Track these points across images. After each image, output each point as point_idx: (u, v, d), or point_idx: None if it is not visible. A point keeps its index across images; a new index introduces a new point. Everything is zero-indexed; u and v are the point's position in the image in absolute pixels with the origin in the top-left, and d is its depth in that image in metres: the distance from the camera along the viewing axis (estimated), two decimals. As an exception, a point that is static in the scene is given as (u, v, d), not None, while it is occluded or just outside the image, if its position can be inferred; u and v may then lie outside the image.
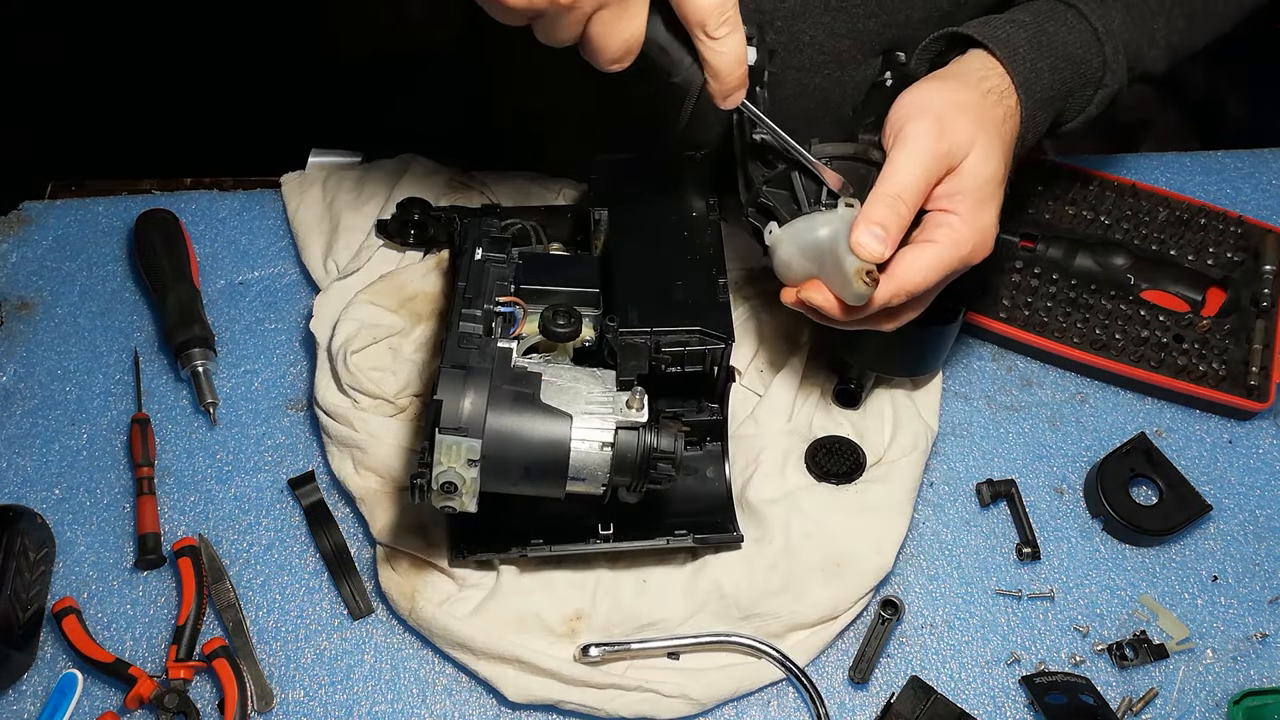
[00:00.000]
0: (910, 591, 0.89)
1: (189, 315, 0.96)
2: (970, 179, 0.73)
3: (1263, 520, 0.94)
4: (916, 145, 0.72)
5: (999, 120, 0.75)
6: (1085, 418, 0.98)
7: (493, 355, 0.71)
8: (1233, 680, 0.86)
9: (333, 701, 0.83)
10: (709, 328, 0.79)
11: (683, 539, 0.83)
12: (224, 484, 0.92)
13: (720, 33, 0.66)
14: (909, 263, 0.73)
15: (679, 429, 0.72)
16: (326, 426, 0.90)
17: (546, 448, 0.69)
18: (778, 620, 0.84)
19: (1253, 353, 0.97)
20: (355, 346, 0.90)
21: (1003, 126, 0.75)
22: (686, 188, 0.89)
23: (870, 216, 0.71)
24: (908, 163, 0.71)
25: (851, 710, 0.84)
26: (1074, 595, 0.89)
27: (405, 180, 1.03)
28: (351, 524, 0.90)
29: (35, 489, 0.91)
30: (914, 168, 0.71)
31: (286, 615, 0.86)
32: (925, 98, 0.74)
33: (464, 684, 0.84)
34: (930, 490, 0.94)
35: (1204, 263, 1.02)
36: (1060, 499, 0.94)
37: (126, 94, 1.86)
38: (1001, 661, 0.87)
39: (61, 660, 0.84)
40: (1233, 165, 1.13)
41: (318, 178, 1.05)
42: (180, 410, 0.95)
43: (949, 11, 0.85)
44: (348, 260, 0.98)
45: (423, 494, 0.68)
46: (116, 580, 0.87)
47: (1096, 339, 0.98)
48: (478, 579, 0.85)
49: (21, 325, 0.99)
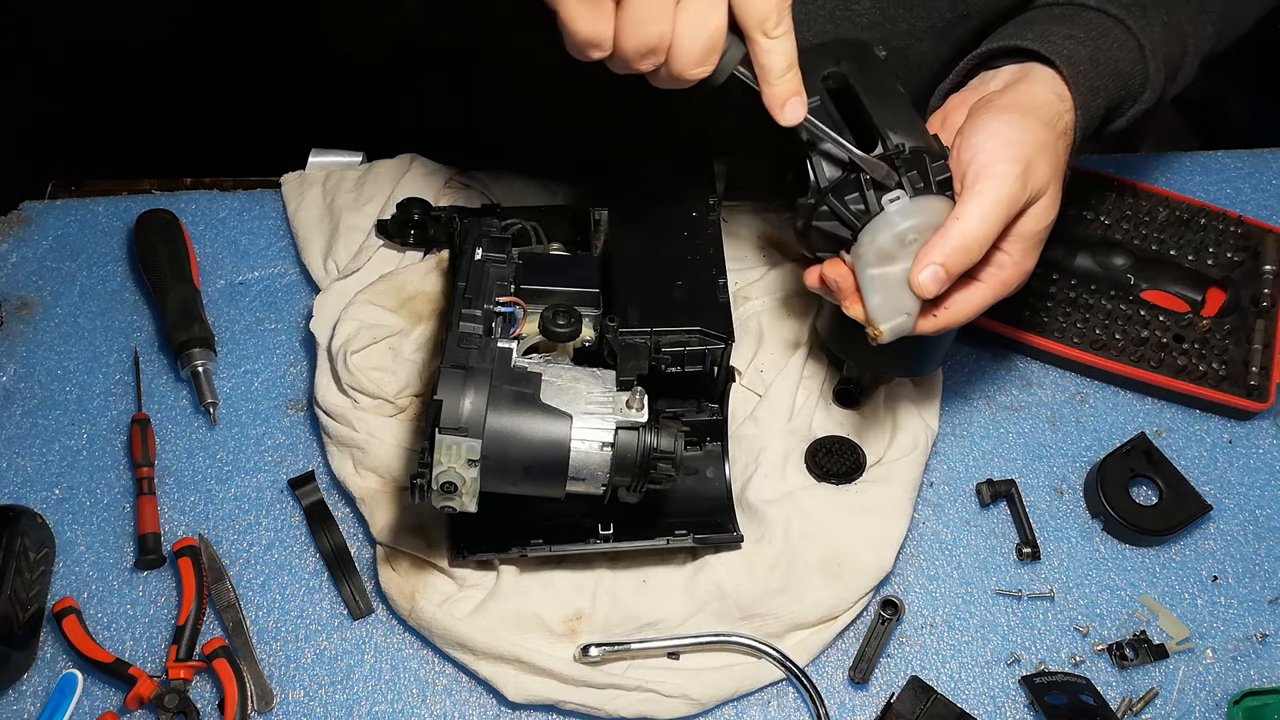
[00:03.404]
0: (910, 591, 0.89)
1: (189, 315, 0.96)
2: (1033, 224, 0.71)
3: (1263, 520, 0.94)
4: (1004, 193, 0.68)
5: (1064, 163, 0.74)
6: (1085, 418, 0.98)
7: (493, 355, 0.71)
8: (1233, 680, 0.86)
9: (333, 701, 0.83)
10: (709, 328, 0.79)
11: (683, 539, 0.83)
12: (224, 484, 0.92)
13: (778, 31, 0.63)
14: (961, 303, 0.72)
15: (679, 429, 0.72)
16: (326, 426, 0.90)
17: (546, 448, 0.69)
18: (778, 620, 0.84)
19: (1253, 353, 0.97)
20: (355, 346, 0.90)
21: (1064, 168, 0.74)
22: (686, 188, 0.89)
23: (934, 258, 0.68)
24: (992, 209, 0.68)
25: (851, 710, 0.84)
26: (1074, 595, 0.89)
27: (405, 180, 1.03)
28: (351, 524, 0.90)
29: (35, 489, 0.91)
30: (996, 215, 0.68)
31: (286, 615, 0.86)
32: (1016, 134, 0.70)
33: (464, 684, 0.84)
34: (930, 490, 0.94)
35: (1204, 263, 1.02)
36: (1060, 499, 0.94)
37: (127, 94, 1.86)
38: (1001, 661, 0.87)
39: (61, 660, 0.84)
40: (1233, 165, 1.13)
41: (318, 178, 1.05)
42: (180, 410, 0.95)
43: (951, 22, 0.85)
44: (348, 260, 0.98)
45: (423, 494, 0.68)
46: (116, 580, 0.87)
47: (1096, 339, 0.98)
48: (478, 579, 0.85)
49: (21, 325, 0.99)
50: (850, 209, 0.74)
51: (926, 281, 0.69)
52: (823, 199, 0.74)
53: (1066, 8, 0.81)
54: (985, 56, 0.80)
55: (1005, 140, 0.70)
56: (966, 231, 0.68)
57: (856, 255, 0.74)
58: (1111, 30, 0.79)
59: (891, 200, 0.72)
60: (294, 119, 1.25)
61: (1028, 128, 0.71)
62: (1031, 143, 0.70)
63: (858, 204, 0.73)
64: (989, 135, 0.71)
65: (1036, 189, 0.70)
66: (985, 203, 0.68)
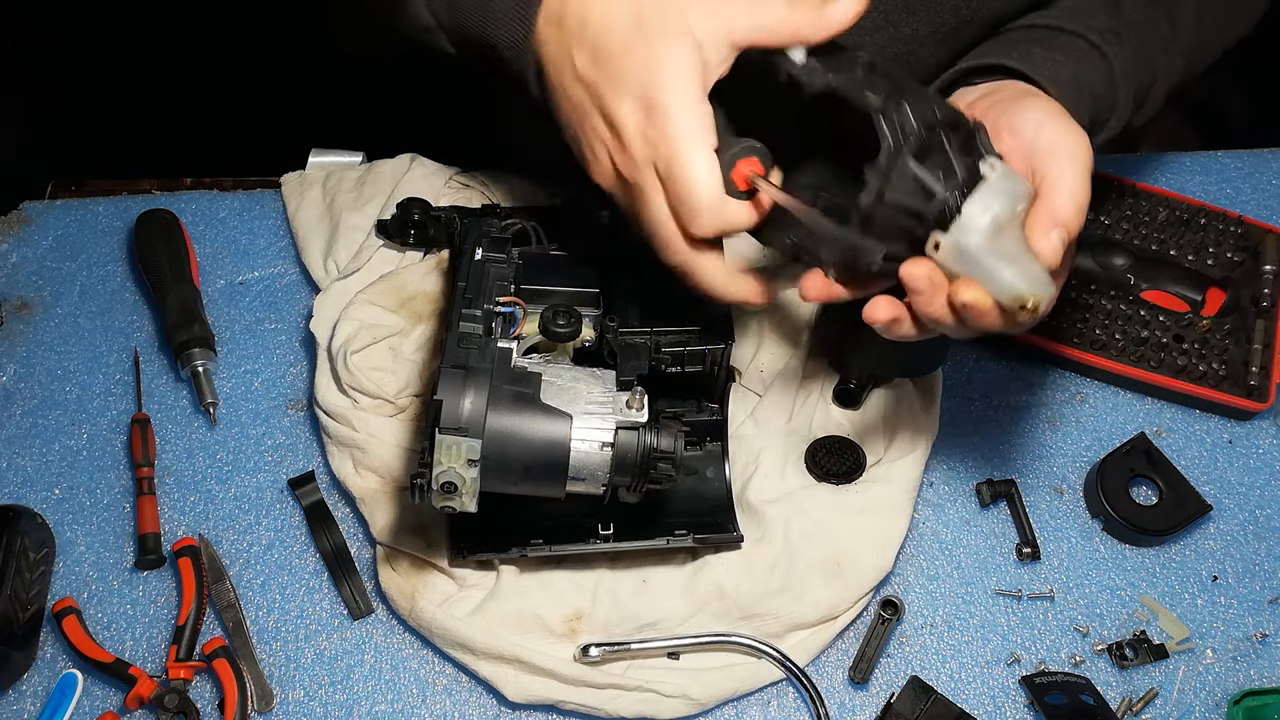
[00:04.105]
0: (910, 591, 0.89)
1: (189, 315, 0.96)
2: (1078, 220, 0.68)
3: (1263, 520, 0.94)
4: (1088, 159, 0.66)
5: None
6: (1085, 418, 0.98)
7: (493, 355, 0.71)
8: (1233, 680, 0.86)
9: (333, 701, 0.83)
10: (709, 328, 0.79)
11: (683, 539, 0.83)
12: (224, 484, 0.92)
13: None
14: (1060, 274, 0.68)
15: (679, 429, 0.72)
16: (326, 426, 0.90)
17: (546, 448, 0.69)
18: (778, 620, 0.84)
19: (1253, 353, 0.97)
20: (355, 346, 0.90)
21: None
22: None
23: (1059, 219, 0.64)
24: (1084, 175, 0.66)
25: (851, 710, 0.84)
26: (1074, 595, 0.89)
27: (405, 180, 1.03)
28: (351, 524, 0.90)
29: (35, 489, 0.91)
30: (1087, 181, 0.66)
31: (286, 615, 0.86)
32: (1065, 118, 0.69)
33: (464, 684, 0.84)
34: (930, 490, 0.94)
35: (1204, 263, 1.02)
36: (1060, 499, 0.94)
37: (127, 94, 1.86)
38: (1001, 661, 0.87)
39: (61, 660, 0.84)
40: (1233, 165, 1.13)
41: (318, 178, 1.05)
42: (180, 410, 0.95)
43: (954, 27, 0.85)
44: (348, 260, 0.98)
45: (423, 494, 0.68)
46: (116, 580, 0.87)
47: (1096, 339, 0.98)
48: (478, 579, 0.85)
49: (21, 325, 0.99)
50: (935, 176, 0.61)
51: (1056, 245, 0.64)
52: (898, 164, 0.61)
53: (1045, 30, 0.82)
54: (966, 73, 0.80)
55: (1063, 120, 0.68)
56: (1076, 190, 0.65)
57: (965, 229, 0.62)
58: (1089, 55, 0.80)
59: (991, 168, 0.63)
60: (294, 119, 1.25)
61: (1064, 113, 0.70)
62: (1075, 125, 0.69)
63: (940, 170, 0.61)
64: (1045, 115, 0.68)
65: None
66: (1078, 167, 0.66)
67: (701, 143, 0.64)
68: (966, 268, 0.63)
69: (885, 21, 0.84)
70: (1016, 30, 0.84)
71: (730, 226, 0.67)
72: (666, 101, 0.64)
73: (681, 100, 0.64)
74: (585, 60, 0.67)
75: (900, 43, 0.86)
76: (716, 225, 0.66)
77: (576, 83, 0.68)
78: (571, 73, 0.68)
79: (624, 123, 0.66)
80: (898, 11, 0.84)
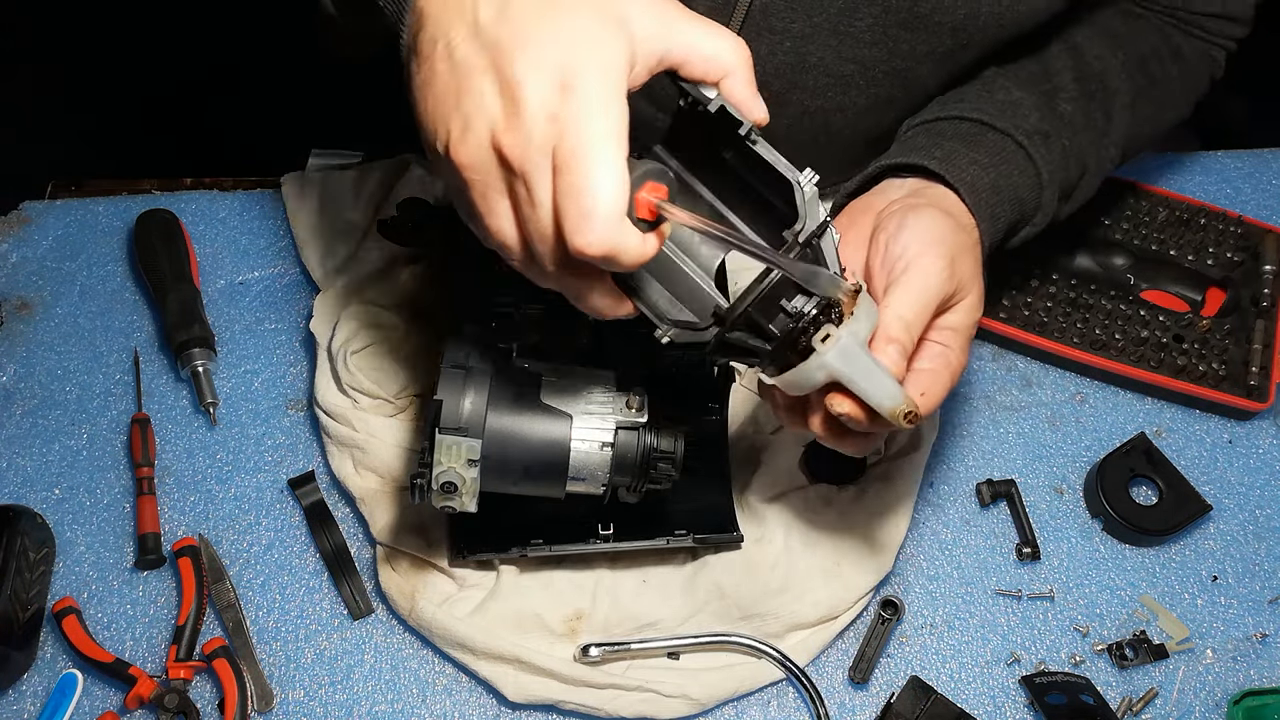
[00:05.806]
0: (910, 591, 0.89)
1: (189, 315, 0.96)
2: (967, 318, 0.72)
3: (1263, 520, 0.94)
4: (934, 281, 0.69)
5: (982, 268, 0.75)
6: (1085, 418, 0.98)
7: (493, 355, 0.71)
8: (1233, 680, 0.86)
9: (333, 701, 0.83)
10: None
11: (683, 539, 0.83)
12: (224, 484, 0.92)
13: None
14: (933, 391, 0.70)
15: (679, 429, 0.72)
16: (326, 426, 0.90)
17: (546, 448, 0.69)
18: (778, 620, 0.84)
19: (1253, 353, 0.97)
20: (355, 346, 0.90)
21: (983, 275, 0.75)
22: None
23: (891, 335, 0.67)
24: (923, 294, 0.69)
25: (851, 710, 0.84)
26: (1074, 595, 0.89)
27: (405, 180, 1.03)
28: (351, 524, 0.90)
29: (35, 489, 0.91)
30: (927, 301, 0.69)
31: (286, 615, 0.86)
32: (939, 232, 0.72)
33: (464, 684, 0.84)
34: (930, 490, 0.94)
35: (1204, 263, 1.02)
36: (1060, 499, 0.94)
37: (126, 94, 1.86)
38: (1001, 661, 0.87)
39: (61, 660, 0.84)
40: (1233, 165, 1.13)
41: (318, 178, 1.05)
42: (180, 410, 0.95)
43: (951, 49, 0.85)
44: (347, 260, 0.98)
45: (423, 494, 0.68)
46: (116, 580, 0.87)
47: (1096, 339, 0.98)
48: (478, 579, 0.85)
49: (21, 325, 0.99)
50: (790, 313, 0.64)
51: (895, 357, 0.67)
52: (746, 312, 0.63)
53: (975, 125, 0.82)
54: (890, 168, 0.81)
55: (930, 237, 0.71)
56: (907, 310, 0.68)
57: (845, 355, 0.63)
58: (1014, 156, 0.80)
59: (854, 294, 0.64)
60: (294, 119, 1.25)
61: (948, 227, 0.73)
62: (954, 241, 0.72)
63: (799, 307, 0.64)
64: (914, 230, 0.72)
65: (963, 281, 0.71)
66: (915, 288, 0.69)
67: (618, 143, 0.55)
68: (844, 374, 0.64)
69: (884, 36, 0.84)
70: (949, 122, 0.84)
71: (620, 251, 0.55)
72: (588, 86, 0.54)
73: (606, 90, 0.55)
74: (492, 14, 0.56)
75: (899, 59, 0.85)
76: (606, 243, 0.55)
77: (471, 39, 0.56)
78: (467, 27, 0.57)
79: (527, 95, 0.54)
80: (896, 28, 0.83)
